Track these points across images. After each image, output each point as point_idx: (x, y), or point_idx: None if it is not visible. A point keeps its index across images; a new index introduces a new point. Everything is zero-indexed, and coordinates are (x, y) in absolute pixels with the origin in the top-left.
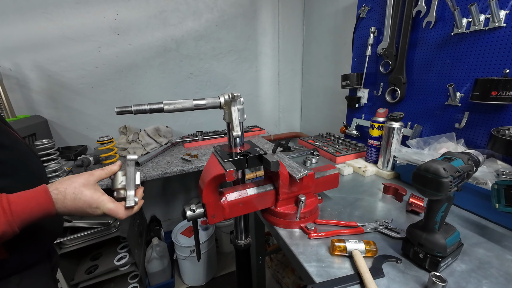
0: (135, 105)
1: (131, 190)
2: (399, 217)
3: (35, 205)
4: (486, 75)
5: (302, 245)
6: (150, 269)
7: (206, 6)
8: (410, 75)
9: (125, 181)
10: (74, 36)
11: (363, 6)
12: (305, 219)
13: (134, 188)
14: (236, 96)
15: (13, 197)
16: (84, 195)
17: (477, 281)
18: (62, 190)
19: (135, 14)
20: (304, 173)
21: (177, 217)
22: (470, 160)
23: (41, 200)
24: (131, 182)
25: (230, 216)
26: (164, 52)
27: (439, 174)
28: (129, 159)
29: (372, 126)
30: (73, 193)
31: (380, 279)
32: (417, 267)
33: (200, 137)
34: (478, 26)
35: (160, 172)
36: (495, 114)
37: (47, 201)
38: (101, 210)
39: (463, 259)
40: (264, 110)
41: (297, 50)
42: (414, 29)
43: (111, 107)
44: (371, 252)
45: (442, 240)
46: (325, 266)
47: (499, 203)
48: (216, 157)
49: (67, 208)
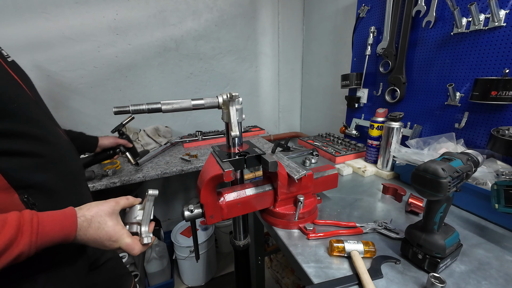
0: (132, 105)
1: (146, 226)
2: (399, 217)
3: (59, 229)
4: (486, 75)
5: (300, 245)
6: (149, 269)
7: (206, 5)
8: (409, 75)
9: (141, 216)
10: (74, 36)
11: (363, 6)
12: (304, 219)
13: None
14: (234, 96)
15: (43, 217)
16: (107, 226)
17: (476, 282)
18: (89, 217)
19: (135, 14)
20: (302, 173)
21: (176, 217)
22: (469, 160)
23: (66, 225)
24: (148, 217)
25: (228, 217)
26: (163, 52)
27: (437, 174)
28: (151, 194)
29: (372, 126)
30: (98, 222)
31: (378, 280)
32: (416, 268)
33: (199, 137)
34: (478, 25)
35: (160, 172)
36: (495, 114)
37: (71, 227)
38: (118, 244)
39: (462, 260)
40: (264, 110)
41: (297, 50)
42: (413, 28)
43: (111, 107)
44: (370, 253)
45: (441, 241)
46: (324, 266)
47: (498, 203)
48: (215, 157)
49: (87, 236)
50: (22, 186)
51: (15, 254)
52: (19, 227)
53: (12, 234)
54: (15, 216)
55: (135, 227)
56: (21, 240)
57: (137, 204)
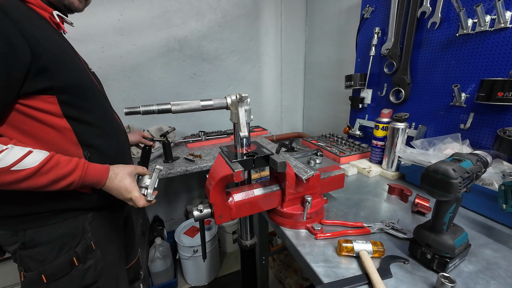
0: (143, 106)
1: (151, 189)
2: (405, 217)
3: (97, 174)
4: (491, 76)
5: (308, 245)
6: (153, 269)
7: (209, 6)
8: (414, 75)
9: (149, 182)
10: (78, 37)
11: (367, 7)
12: (311, 219)
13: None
14: (243, 97)
15: (91, 164)
16: (126, 181)
17: (485, 281)
18: (116, 172)
19: (139, 14)
20: (310, 174)
21: (179, 217)
22: (478, 161)
23: (102, 172)
24: (153, 184)
25: (237, 217)
26: (167, 53)
27: (448, 175)
28: (158, 168)
29: (377, 126)
30: (121, 177)
31: (388, 280)
32: (425, 268)
33: (203, 137)
34: (483, 27)
35: (164, 172)
36: (501, 115)
37: (104, 176)
38: (130, 195)
39: (470, 260)
40: (267, 111)
41: (300, 51)
42: (418, 29)
43: (115, 107)
44: (379, 253)
45: (450, 241)
46: (333, 266)
47: (506, 204)
48: (223, 157)
49: (113, 185)
50: (86, 144)
51: (70, 180)
52: (77, 165)
53: (72, 167)
54: (76, 159)
55: (143, 190)
56: (76, 173)
57: (147, 175)
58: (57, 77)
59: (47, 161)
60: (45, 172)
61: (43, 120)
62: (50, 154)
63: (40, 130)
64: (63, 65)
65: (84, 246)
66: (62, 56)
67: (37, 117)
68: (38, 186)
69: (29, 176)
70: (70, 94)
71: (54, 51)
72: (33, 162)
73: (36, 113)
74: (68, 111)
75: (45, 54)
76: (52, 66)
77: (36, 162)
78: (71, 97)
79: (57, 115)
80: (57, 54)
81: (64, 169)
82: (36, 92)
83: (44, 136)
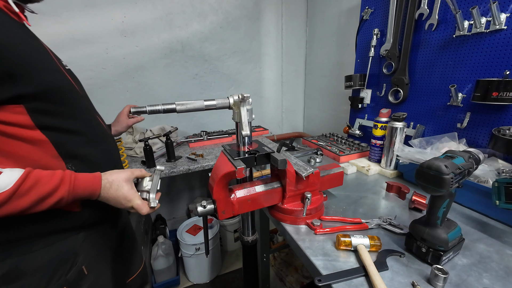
0: (149, 106)
1: (153, 193)
2: (402, 214)
3: (88, 186)
4: (487, 76)
5: (308, 240)
6: (156, 266)
7: (211, 8)
8: (412, 76)
9: (150, 186)
10: (83, 38)
11: (366, 8)
12: (311, 215)
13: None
14: (245, 97)
15: (78, 175)
16: (124, 189)
17: (477, 274)
18: (110, 180)
19: (142, 16)
20: (310, 171)
21: (181, 216)
22: (470, 158)
23: (94, 183)
24: (155, 187)
25: (239, 212)
26: (169, 54)
27: (441, 171)
28: (158, 169)
29: (376, 126)
30: (117, 185)
31: (384, 272)
32: (420, 261)
33: (204, 137)
34: (479, 28)
35: (167, 171)
36: (496, 114)
37: (97, 185)
38: (131, 203)
39: (464, 254)
40: (268, 111)
41: (300, 51)
42: (416, 31)
43: (118, 107)
44: (376, 247)
45: (444, 234)
46: (331, 259)
47: (499, 200)
48: (226, 155)
49: (109, 195)
50: (70, 156)
51: (58, 197)
52: (62, 178)
53: (57, 182)
54: (60, 171)
55: (145, 194)
56: (63, 187)
57: (147, 177)
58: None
59: (23, 180)
60: (24, 193)
61: (12, 134)
62: (26, 171)
63: (10, 146)
64: (31, 67)
65: (75, 272)
66: (29, 56)
67: (4, 131)
68: (20, 210)
69: (5, 201)
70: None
71: (19, 50)
72: (6, 184)
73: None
74: (43, 121)
75: (7, 55)
76: (18, 70)
77: (9, 183)
78: (45, 104)
79: (29, 126)
80: (22, 54)
81: (47, 185)
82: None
83: (17, 152)
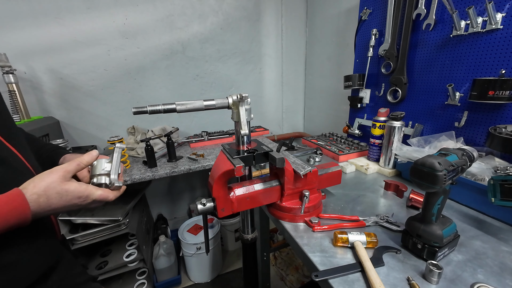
0: (150, 106)
1: (115, 174)
2: (400, 212)
3: (8, 211)
4: (483, 75)
5: (306, 237)
6: (157, 266)
7: (212, 9)
8: (411, 75)
9: (109, 167)
10: (85, 40)
11: (365, 9)
12: (309, 213)
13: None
14: (244, 96)
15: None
16: (70, 191)
17: (472, 269)
18: (41, 192)
19: (143, 18)
20: (308, 169)
21: (182, 215)
22: (464, 155)
23: (15, 205)
24: (116, 167)
25: (238, 210)
26: (170, 55)
27: (434, 167)
28: (118, 146)
29: (374, 125)
30: (57, 193)
31: (380, 268)
32: (416, 257)
33: (205, 137)
34: (476, 28)
35: (168, 171)
36: (492, 113)
37: (22, 206)
38: (90, 198)
39: (460, 250)
40: (268, 111)
41: (300, 52)
42: (414, 31)
43: (120, 108)
44: (372, 243)
45: (439, 231)
46: (329, 256)
47: (495, 197)
48: (225, 154)
49: (53, 207)
50: None
51: None
52: None
53: None
54: None
55: (103, 178)
56: None
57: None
58: None
59: None
60: None
61: None
62: None
63: None
64: None
65: None
66: None
67: None
68: None
69: None
70: None
71: None
72: None
73: None
74: None
75: None
76: None
77: None
78: None
79: None
80: None
81: None
82: None
83: None
